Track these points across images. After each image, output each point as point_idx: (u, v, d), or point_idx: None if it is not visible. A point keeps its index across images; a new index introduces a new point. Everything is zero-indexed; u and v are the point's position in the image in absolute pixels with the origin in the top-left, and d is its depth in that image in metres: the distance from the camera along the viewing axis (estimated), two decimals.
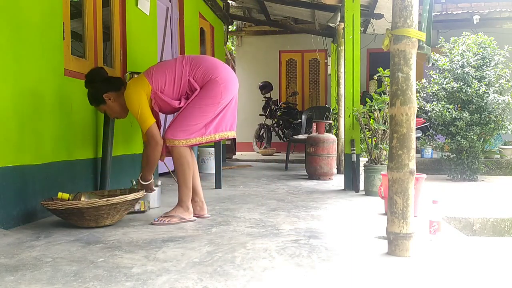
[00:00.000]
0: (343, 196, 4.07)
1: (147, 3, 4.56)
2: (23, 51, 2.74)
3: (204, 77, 2.84)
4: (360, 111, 4.30)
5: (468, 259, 2.11)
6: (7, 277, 1.79)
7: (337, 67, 6.48)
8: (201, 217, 3.01)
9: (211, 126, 2.86)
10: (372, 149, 4.18)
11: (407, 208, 2.10)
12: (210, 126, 2.86)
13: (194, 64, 2.87)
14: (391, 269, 1.92)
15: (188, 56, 2.95)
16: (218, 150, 4.49)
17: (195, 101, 2.82)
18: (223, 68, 2.92)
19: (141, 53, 4.45)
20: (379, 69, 4.19)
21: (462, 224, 3.19)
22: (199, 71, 2.85)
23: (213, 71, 2.85)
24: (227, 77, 2.88)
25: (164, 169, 4.90)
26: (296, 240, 2.38)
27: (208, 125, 2.85)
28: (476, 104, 5.53)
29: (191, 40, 6.18)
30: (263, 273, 1.85)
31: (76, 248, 2.22)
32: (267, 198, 3.89)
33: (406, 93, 2.09)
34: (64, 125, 3.15)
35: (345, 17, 4.53)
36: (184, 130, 2.79)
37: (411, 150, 2.11)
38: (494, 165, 6.87)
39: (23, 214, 2.72)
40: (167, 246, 2.26)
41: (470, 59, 5.62)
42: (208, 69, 2.85)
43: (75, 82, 3.30)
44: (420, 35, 2.11)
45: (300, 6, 6.79)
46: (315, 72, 10.66)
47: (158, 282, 1.73)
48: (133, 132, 4.28)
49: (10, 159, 2.62)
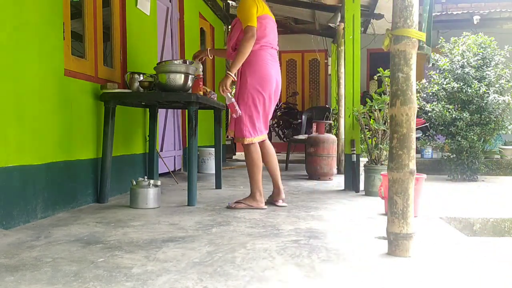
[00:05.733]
0: (343, 196, 4.07)
1: (147, 3, 4.56)
2: (23, 51, 2.74)
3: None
4: (360, 111, 4.30)
5: (468, 259, 2.11)
6: (7, 277, 1.79)
7: (337, 67, 6.48)
8: (276, 204, 3.48)
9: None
10: (372, 149, 4.17)
11: (407, 208, 2.10)
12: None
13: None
14: (391, 269, 1.92)
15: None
16: (218, 150, 4.49)
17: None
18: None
19: (141, 53, 4.45)
20: (379, 69, 4.19)
21: (462, 224, 3.19)
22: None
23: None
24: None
25: (164, 169, 4.91)
26: (296, 240, 2.38)
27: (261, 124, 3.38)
28: (476, 104, 5.52)
29: (191, 40, 6.18)
30: (263, 273, 1.85)
31: (76, 248, 2.22)
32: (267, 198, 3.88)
33: (406, 93, 2.09)
34: (64, 125, 3.15)
35: (345, 17, 4.53)
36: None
37: (411, 150, 2.11)
38: (494, 165, 6.86)
39: (23, 214, 2.72)
40: (167, 246, 2.26)
41: (470, 59, 5.61)
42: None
43: (75, 82, 3.30)
44: (420, 35, 2.11)
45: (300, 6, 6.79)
46: (315, 72, 10.66)
47: (158, 282, 1.73)
48: (133, 132, 4.28)
49: (10, 159, 2.62)
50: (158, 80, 3.51)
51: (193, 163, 3.48)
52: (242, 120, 3.30)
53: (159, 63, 3.63)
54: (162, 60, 5.01)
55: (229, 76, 3.19)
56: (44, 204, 2.93)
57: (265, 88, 3.28)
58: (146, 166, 4.42)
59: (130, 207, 3.35)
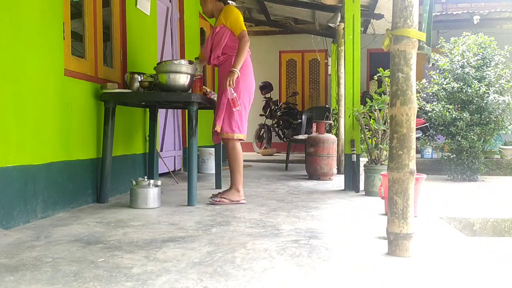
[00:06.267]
0: (343, 196, 4.07)
1: (147, 3, 4.56)
2: (23, 51, 2.74)
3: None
4: (360, 111, 4.29)
5: (468, 259, 2.11)
6: (7, 277, 1.79)
7: (337, 67, 6.48)
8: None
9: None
10: (372, 149, 4.17)
11: (407, 208, 2.10)
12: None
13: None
14: (391, 269, 1.92)
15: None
16: (218, 151, 4.49)
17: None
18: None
19: (141, 53, 4.44)
20: (379, 69, 4.19)
21: (462, 224, 3.19)
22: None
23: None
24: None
25: (164, 169, 4.91)
26: (296, 240, 2.38)
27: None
28: (476, 104, 5.52)
29: (191, 40, 6.18)
30: (263, 273, 1.85)
31: (76, 248, 2.22)
32: (267, 198, 3.89)
33: (406, 93, 2.09)
34: (64, 125, 3.15)
35: (345, 17, 4.53)
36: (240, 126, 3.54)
37: (411, 150, 2.11)
38: (494, 166, 6.86)
39: (23, 214, 2.72)
40: (167, 246, 2.26)
41: (470, 59, 5.61)
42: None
43: (75, 82, 3.30)
44: (420, 35, 2.11)
45: (300, 6, 6.78)
46: (315, 72, 10.66)
47: (158, 282, 1.73)
48: (133, 132, 4.28)
49: (10, 159, 2.62)
50: (158, 80, 3.51)
51: (193, 163, 3.48)
52: (233, 117, 3.51)
53: (159, 63, 3.63)
54: (162, 60, 5.01)
55: (235, 72, 3.42)
56: (44, 204, 2.93)
57: (251, 90, 3.66)
58: (146, 166, 4.42)
59: (130, 207, 3.35)
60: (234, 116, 3.50)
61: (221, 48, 3.56)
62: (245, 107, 3.58)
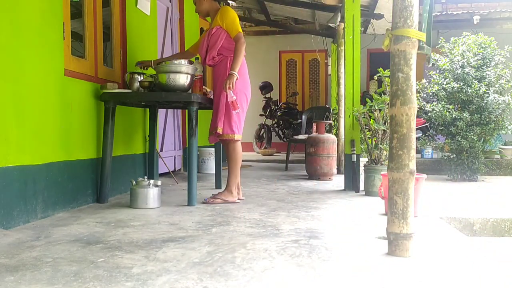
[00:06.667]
0: (343, 196, 4.07)
1: (147, 3, 4.56)
2: (23, 51, 2.74)
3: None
4: (360, 111, 4.29)
5: (468, 259, 2.11)
6: (7, 277, 1.79)
7: (337, 67, 6.48)
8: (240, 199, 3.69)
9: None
10: (372, 149, 4.17)
11: (407, 208, 2.10)
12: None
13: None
14: (391, 269, 1.92)
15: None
16: (218, 151, 4.49)
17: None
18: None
19: (141, 53, 4.44)
20: (379, 69, 4.19)
21: (462, 224, 3.19)
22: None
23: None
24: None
25: (164, 169, 4.91)
26: (296, 240, 2.38)
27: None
28: (476, 104, 5.52)
29: (191, 40, 6.17)
30: (263, 273, 1.85)
31: (76, 248, 2.22)
32: (267, 198, 3.89)
33: (406, 93, 2.09)
34: (64, 125, 3.15)
35: (345, 17, 4.53)
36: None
37: (411, 150, 2.11)
38: (494, 166, 6.86)
39: (23, 214, 2.72)
40: (167, 246, 2.26)
41: (470, 59, 5.61)
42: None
43: (75, 82, 3.30)
44: (420, 35, 2.11)
45: (300, 6, 6.78)
46: (315, 72, 10.65)
47: (158, 282, 1.73)
48: (133, 132, 4.28)
49: (10, 159, 2.62)
50: (158, 80, 3.51)
51: (193, 163, 3.48)
52: (232, 118, 3.54)
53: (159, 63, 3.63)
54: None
55: (234, 75, 3.41)
56: (44, 204, 2.93)
57: (248, 92, 3.65)
58: (146, 166, 4.42)
59: (130, 207, 3.35)
60: (233, 117, 3.53)
61: (217, 49, 3.56)
62: (243, 107, 3.61)
